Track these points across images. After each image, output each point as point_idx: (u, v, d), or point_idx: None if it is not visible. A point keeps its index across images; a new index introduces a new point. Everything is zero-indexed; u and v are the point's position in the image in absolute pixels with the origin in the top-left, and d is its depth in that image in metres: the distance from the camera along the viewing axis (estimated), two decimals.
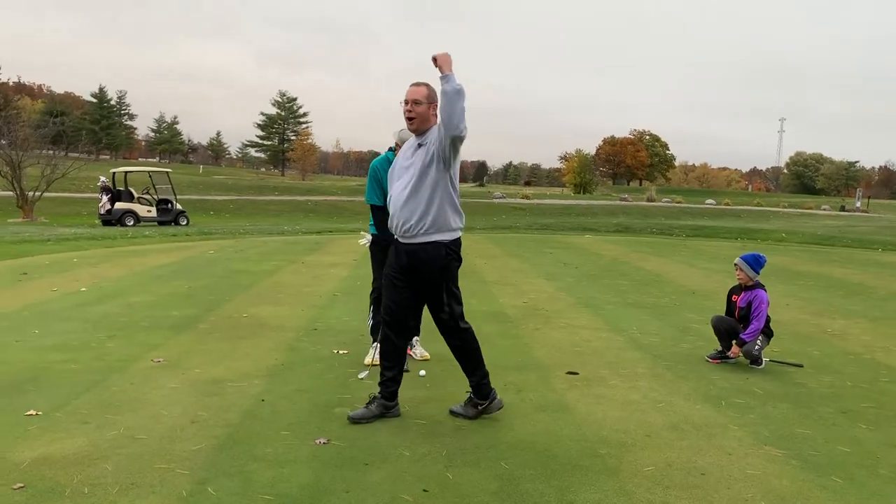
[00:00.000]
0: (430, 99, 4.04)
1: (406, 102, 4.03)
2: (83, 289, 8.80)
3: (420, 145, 4.07)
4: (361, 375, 5.05)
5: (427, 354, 5.51)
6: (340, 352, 5.76)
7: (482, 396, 4.19)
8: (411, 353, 5.52)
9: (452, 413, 4.26)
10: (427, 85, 4.07)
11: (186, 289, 8.97)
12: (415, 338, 5.58)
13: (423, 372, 5.14)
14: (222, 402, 4.42)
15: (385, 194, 5.09)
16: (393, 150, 5.10)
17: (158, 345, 5.90)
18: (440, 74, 3.79)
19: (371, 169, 5.25)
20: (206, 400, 4.45)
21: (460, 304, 4.19)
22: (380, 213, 5.15)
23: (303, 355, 5.64)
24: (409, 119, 4.05)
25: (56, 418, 4.05)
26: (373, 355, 5.34)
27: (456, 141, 3.87)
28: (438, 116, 3.93)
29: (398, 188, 4.11)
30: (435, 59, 3.80)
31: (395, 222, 4.10)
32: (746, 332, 5.54)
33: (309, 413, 4.24)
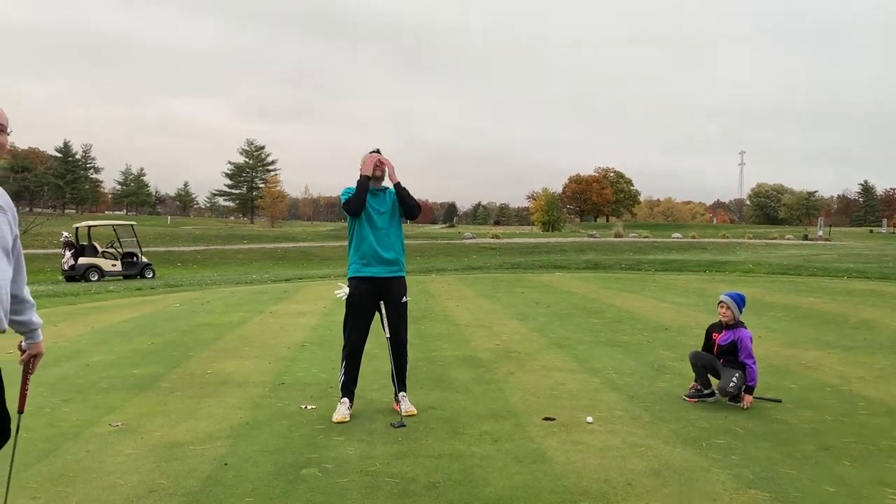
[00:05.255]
0: None
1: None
2: None
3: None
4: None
5: (413, 409, 5.32)
6: (308, 407, 5.54)
7: None
8: (397, 408, 5.34)
9: None
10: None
11: (149, 345, 8.67)
12: (401, 392, 5.40)
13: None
14: (183, 467, 4.18)
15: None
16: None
17: (116, 407, 5.64)
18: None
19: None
20: (165, 466, 4.21)
21: None
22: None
23: (268, 412, 5.41)
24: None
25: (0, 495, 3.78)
26: (343, 412, 5.14)
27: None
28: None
29: None
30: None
31: None
32: (749, 378, 5.47)
33: (274, 476, 4.01)
